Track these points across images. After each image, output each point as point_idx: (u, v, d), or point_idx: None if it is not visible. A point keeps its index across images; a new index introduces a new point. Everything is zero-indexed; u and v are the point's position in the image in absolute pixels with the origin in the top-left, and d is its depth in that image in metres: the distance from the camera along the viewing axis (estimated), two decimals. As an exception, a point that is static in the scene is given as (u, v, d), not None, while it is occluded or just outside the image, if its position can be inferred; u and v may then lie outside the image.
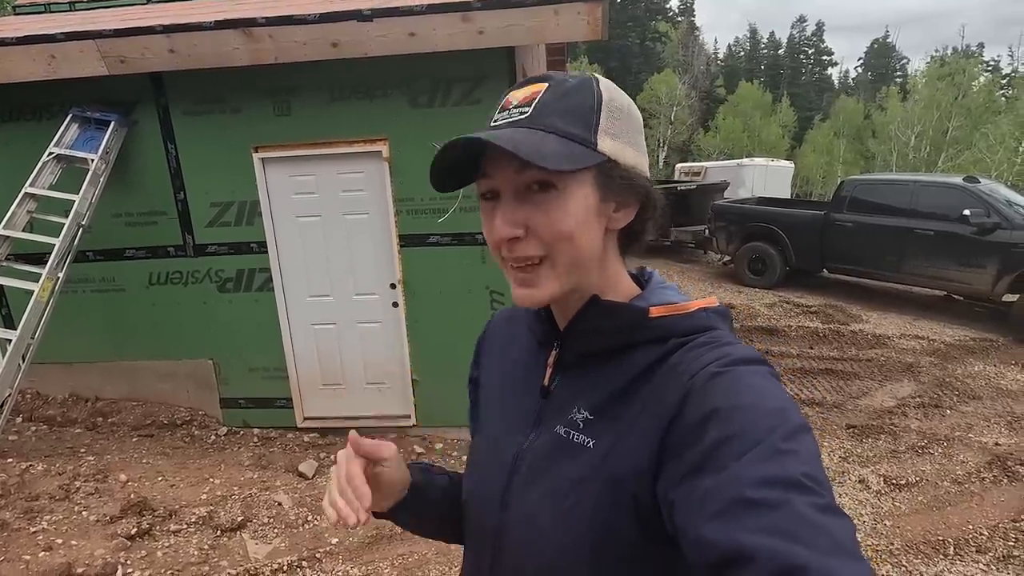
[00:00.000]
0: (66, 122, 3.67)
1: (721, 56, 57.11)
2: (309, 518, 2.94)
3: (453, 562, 2.69)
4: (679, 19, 49.97)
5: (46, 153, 3.60)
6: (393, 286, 4.05)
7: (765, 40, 57.83)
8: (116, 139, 3.78)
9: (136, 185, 3.97)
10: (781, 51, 56.22)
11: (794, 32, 56.22)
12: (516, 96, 0.63)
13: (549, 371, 0.70)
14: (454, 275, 3.94)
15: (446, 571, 2.62)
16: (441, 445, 4.11)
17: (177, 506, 2.97)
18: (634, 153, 0.64)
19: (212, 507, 2.97)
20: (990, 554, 2.89)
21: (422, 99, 3.69)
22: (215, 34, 3.39)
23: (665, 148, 36.32)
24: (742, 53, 57.80)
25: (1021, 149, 19.21)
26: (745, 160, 15.75)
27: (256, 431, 4.25)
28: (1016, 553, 2.89)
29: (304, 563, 2.58)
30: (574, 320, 0.66)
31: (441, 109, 3.70)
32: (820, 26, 55.70)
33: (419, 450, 4.03)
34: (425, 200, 3.85)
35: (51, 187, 3.62)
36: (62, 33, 3.46)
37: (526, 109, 0.61)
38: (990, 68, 36.20)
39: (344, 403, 4.29)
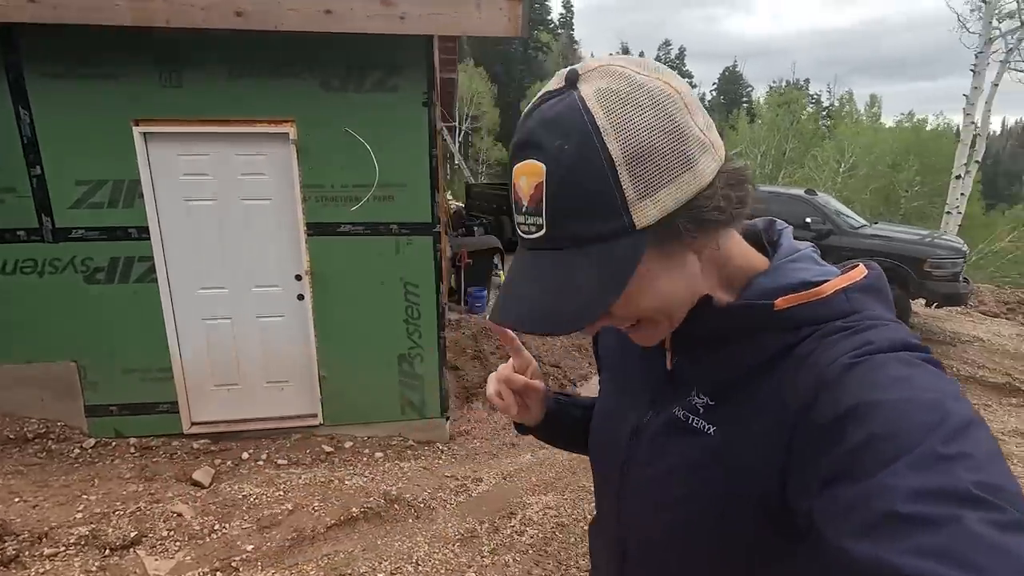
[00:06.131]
0: None
1: (597, 70, 60.50)
2: (216, 527, 2.68)
3: (382, 556, 2.62)
4: (559, 31, 52.29)
5: None
6: (299, 277, 3.82)
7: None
8: (-52, 99, 3.15)
9: (-25, 156, 3.33)
10: (649, 71, 61.00)
11: (660, 54, 61.36)
12: (522, 188, 0.51)
13: (669, 353, 0.65)
14: (367, 266, 3.82)
15: (375, 566, 2.54)
16: (351, 443, 3.95)
17: (46, 528, 2.55)
18: (688, 176, 0.49)
19: (94, 525, 2.59)
20: None
21: (335, 82, 3.53)
22: (91, -13, 2.97)
23: (547, 154, 37.72)
24: (615, 69, 61.71)
25: (841, 170, 22.95)
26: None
27: (132, 441, 3.76)
28: None
29: (219, 574, 2.35)
30: (686, 322, 0.58)
31: (355, 94, 3.56)
32: (682, 51, 61.48)
33: (328, 449, 3.84)
34: (336, 187, 3.68)
35: None
36: None
37: (539, 220, 0.50)
38: (814, 101, 42.44)
39: (240, 404, 3.96)
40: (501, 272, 8.56)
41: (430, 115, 3.67)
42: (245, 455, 3.71)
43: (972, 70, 11.15)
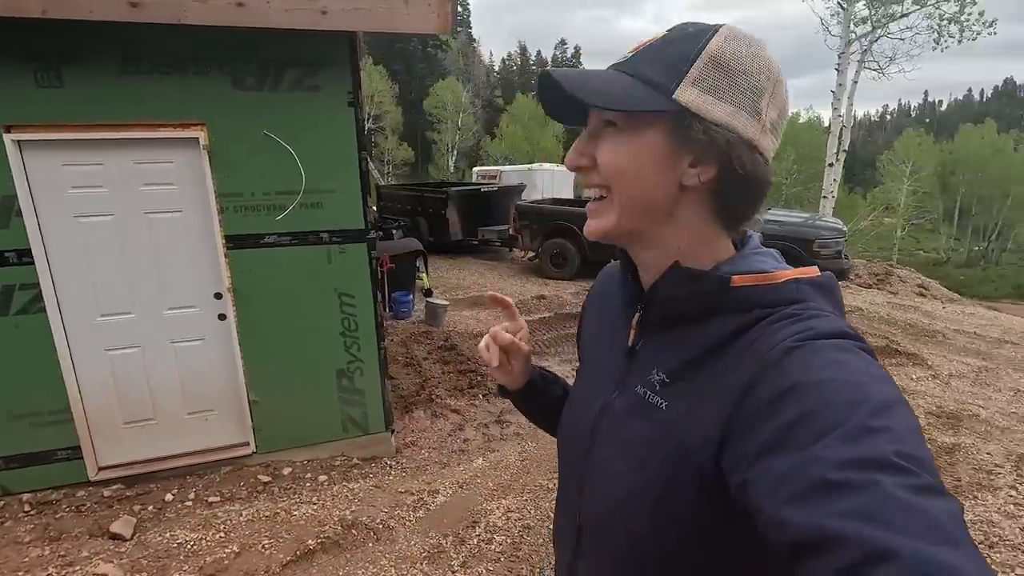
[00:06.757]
0: None
1: (497, 68, 61.21)
2: (152, 583, 2.38)
3: (347, 588, 2.46)
4: (458, 30, 52.07)
5: None
6: (219, 296, 3.48)
7: (533, 57, 63.72)
8: None
9: None
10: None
11: (557, 53, 63.07)
12: (641, 41, 0.65)
13: (633, 332, 0.70)
14: (296, 279, 3.56)
15: (341, 599, 2.38)
16: (290, 470, 3.68)
17: (-69, 617, 2.13)
18: (731, 111, 0.59)
19: (-5, 604, 2.20)
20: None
21: (249, 81, 3.24)
22: (-61, -31, 2.51)
23: (454, 153, 37.60)
24: (514, 67, 62.74)
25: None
26: (535, 165, 17.22)
27: (26, 497, 3.25)
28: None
29: (163, 637, 2.08)
30: (655, 284, 0.65)
31: (272, 94, 3.29)
32: (578, 50, 63.52)
33: (264, 479, 3.55)
34: (257, 195, 3.39)
35: None
36: None
37: (631, 55, 0.64)
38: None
39: (158, 441, 3.55)
40: (424, 275, 8.35)
41: (357, 116, 3.48)
42: (169, 496, 3.33)
43: (836, 69, 12.49)
